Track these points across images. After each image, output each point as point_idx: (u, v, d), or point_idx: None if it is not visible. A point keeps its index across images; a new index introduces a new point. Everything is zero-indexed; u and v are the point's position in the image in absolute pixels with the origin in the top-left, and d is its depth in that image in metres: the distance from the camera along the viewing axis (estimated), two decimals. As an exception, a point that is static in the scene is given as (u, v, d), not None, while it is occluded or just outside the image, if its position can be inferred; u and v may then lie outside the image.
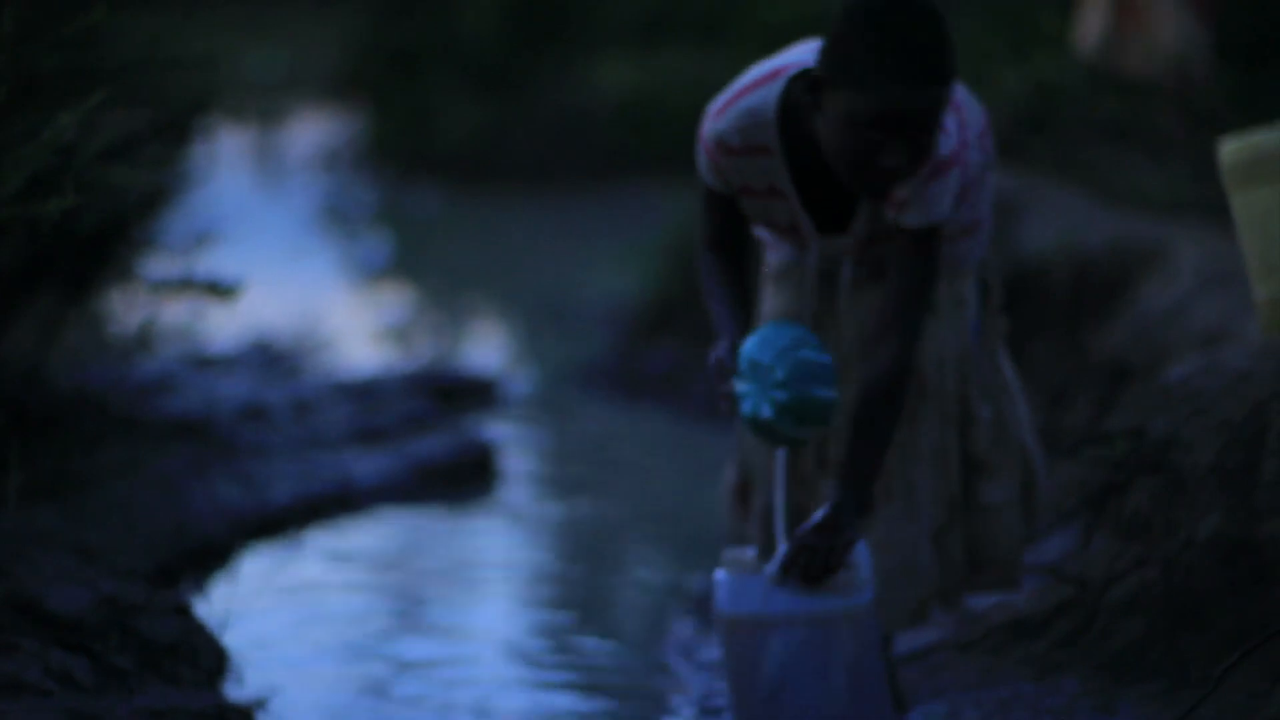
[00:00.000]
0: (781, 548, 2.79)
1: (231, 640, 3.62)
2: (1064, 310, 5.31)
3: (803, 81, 2.78)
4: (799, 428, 2.75)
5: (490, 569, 4.55)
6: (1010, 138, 6.90)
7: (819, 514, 2.78)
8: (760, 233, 3.11)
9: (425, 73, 11.57)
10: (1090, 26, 7.29)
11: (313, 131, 13.10)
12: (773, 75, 2.86)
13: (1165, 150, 6.40)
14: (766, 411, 2.73)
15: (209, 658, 3.48)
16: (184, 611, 3.53)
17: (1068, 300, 5.32)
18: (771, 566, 2.77)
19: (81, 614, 3.34)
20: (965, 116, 2.98)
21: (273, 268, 7.70)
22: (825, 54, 2.72)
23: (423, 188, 11.15)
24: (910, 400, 3.03)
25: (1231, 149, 3.63)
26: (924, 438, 3.05)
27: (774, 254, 3.11)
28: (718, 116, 2.88)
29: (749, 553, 2.82)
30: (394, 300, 8.42)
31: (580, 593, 4.37)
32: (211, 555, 4.38)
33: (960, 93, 2.99)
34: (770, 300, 3.11)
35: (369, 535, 4.77)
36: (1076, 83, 7.08)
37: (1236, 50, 6.62)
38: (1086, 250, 5.36)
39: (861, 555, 2.79)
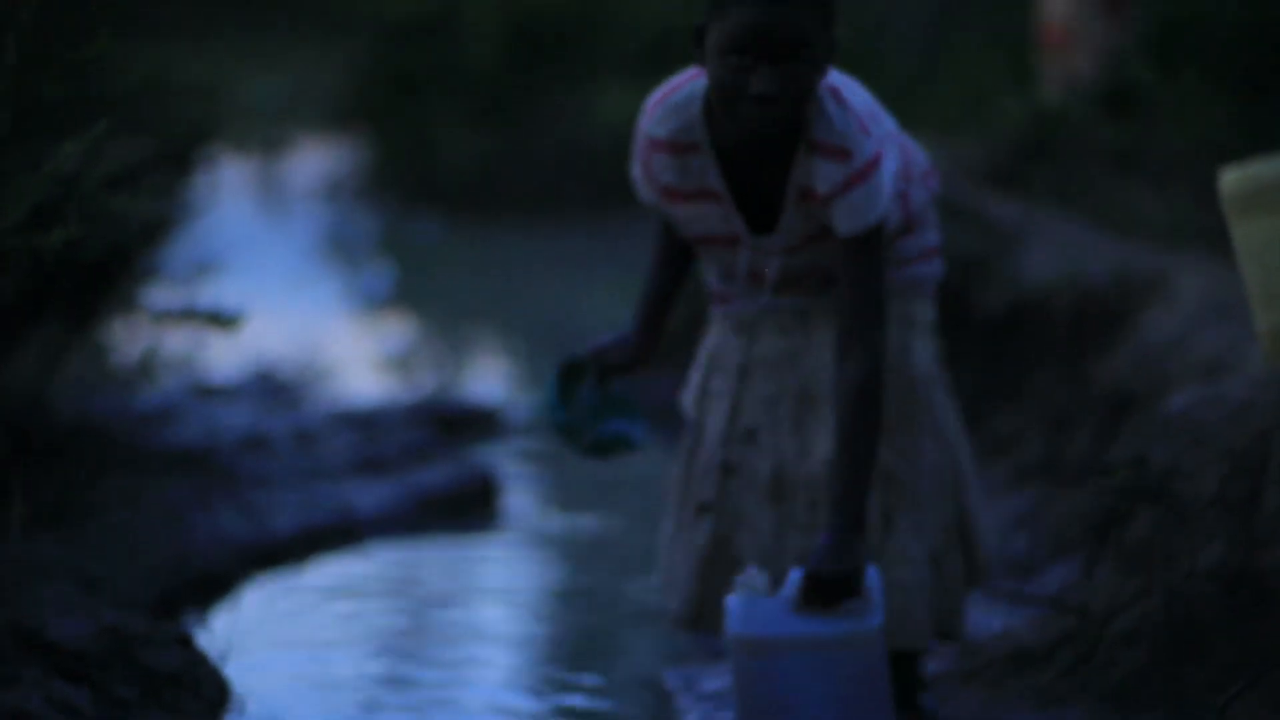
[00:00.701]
0: (794, 574, 2.81)
1: (233, 671, 3.62)
2: (1065, 339, 5.31)
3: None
4: (611, 453, 3.13)
5: (492, 599, 4.54)
6: (1011, 167, 6.93)
7: (822, 540, 2.79)
8: (707, 278, 3.16)
9: (427, 102, 11.60)
10: (1052, 62, 7.47)
11: (314, 161, 13.13)
12: (695, 74, 2.92)
13: (1165, 177, 6.43)
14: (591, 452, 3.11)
15: (211, 688, 3.48)
16: (186, 642, 3.53)
17: (1069, 329, 5.32)
18: (787, 590, 2.80)
19: (83, 644, 3.34)
20: (910, 158, 3.06)
21: (274, 297, 7.71)
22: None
23: (424, 217, 11.17)
24: (908, 403, 3.05)
25: (1232, 179, 3.63)
26: (927, 453, 3.07)
27: (719, 308, 3.16)
28: (649, 115, 2.96)
29: (760, 577, 2.84)
30: (395, 330, 8.42)
31: (582, 622, 4.37)
32: (213, 586, 4.38)
33: (904, 137, 3.08)
34: (725, 346, 3.15)
35: (371, 565, 4.76)
36: (1076, 110, 7.12)
37: (1235, 80, 6.64)
38: (1088, 279, 5.36)
39: (873, 579, 2.81)
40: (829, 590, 2.78)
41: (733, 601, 2.82)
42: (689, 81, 2.94)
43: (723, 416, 3.14)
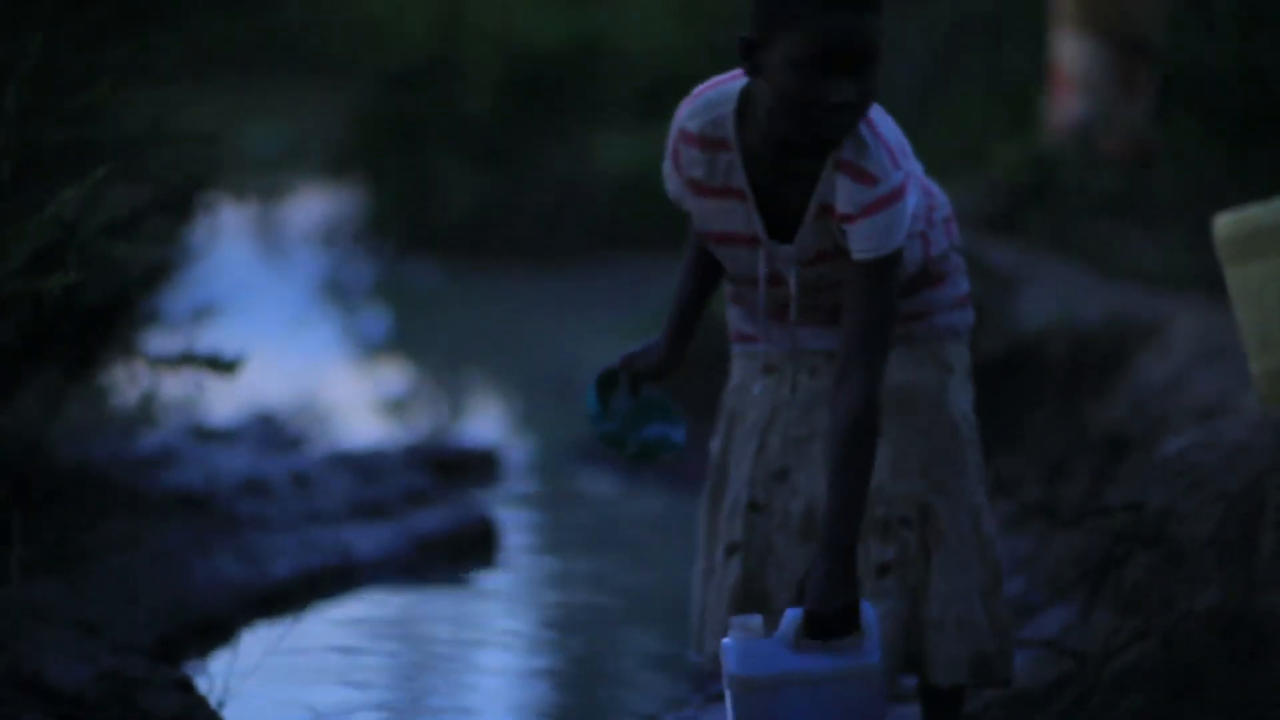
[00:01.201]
0: (790, 613, 2.81)
1: (232, 715, 3.62)
2: (1062, 383, 5.33)
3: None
4: (657, 456, 3.10)
5: (490, 643, 4.54)
6: (1009, 212, 6.96)
7: (815, 576, 2.80)
8: (729, 317, 3.17)
9: (426, 147, 11.62)
10: (1055, 108, 7.49)
11: (313, 206, 13.14)
12: (736, 75, 2.94)
13: (1161, 221, 6.46)
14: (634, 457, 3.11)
15: (209, 732, 3.48)
16: (185, 686, 3.53)
17: (1066, 373, 5.34)
18: (783, 629, 2.80)
19: (82, 688, 3.34)
20: (935, 201, 3.08)
21: (273, 341, 7.72)
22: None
23: (422, 261, 11.19)
24: (949, 442, 3.06)
25: (1226, 223, 3.65)
26: (969, 492, 3.07)
27: (741, 347, 3.17)
28: (684, 108, 2.97)
29: (755, 619, 2.84)
30: (394, 373, 8.44)
31: (580, 667, 4.37)
32: (212, 629, 4.38)
33: (928, 181, 3.09)
34: (753, 387, 3.16)
35: (370, 609, 4.76)
36: (1072, 157, 7.15)
37: (1231, 126, 6.67)
38: (1085, 323, 5.38)
39: (869, 616, 2.82)
40: (829, 627, 2.79)
41: (728, 643, 2.83)
42: (723, 83, 2.95)
43: (750, 456, 3.15)
